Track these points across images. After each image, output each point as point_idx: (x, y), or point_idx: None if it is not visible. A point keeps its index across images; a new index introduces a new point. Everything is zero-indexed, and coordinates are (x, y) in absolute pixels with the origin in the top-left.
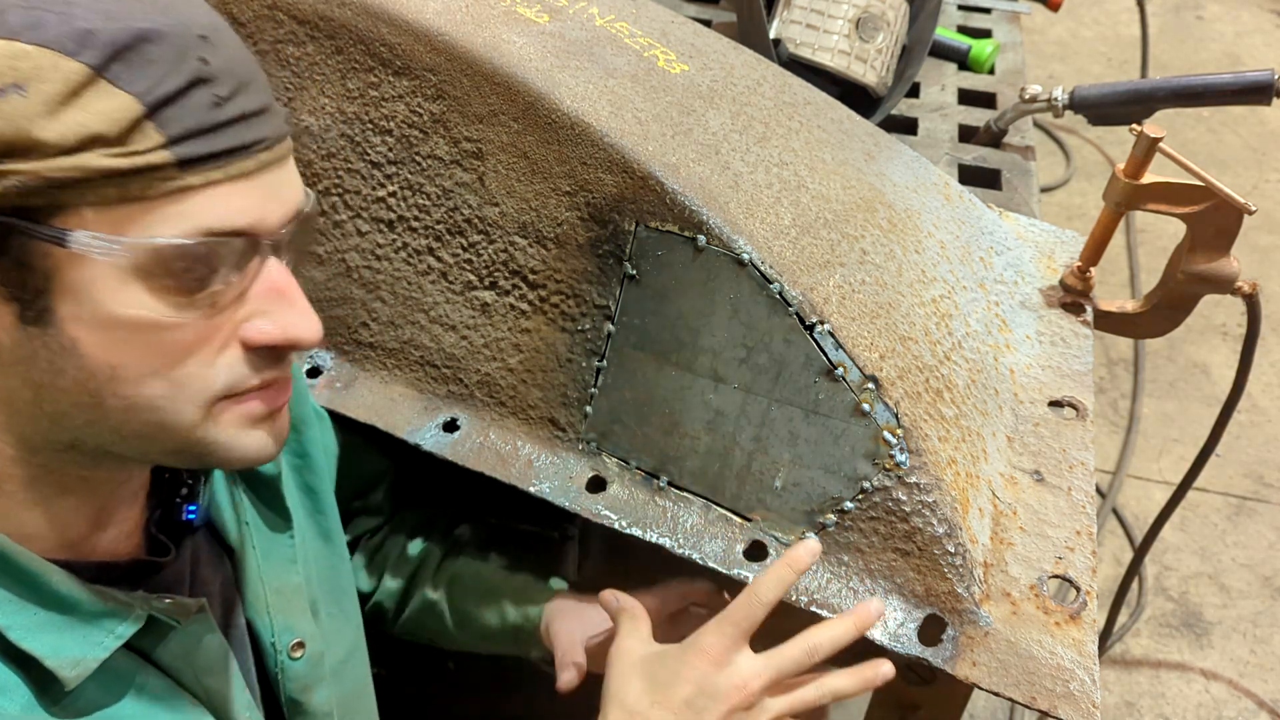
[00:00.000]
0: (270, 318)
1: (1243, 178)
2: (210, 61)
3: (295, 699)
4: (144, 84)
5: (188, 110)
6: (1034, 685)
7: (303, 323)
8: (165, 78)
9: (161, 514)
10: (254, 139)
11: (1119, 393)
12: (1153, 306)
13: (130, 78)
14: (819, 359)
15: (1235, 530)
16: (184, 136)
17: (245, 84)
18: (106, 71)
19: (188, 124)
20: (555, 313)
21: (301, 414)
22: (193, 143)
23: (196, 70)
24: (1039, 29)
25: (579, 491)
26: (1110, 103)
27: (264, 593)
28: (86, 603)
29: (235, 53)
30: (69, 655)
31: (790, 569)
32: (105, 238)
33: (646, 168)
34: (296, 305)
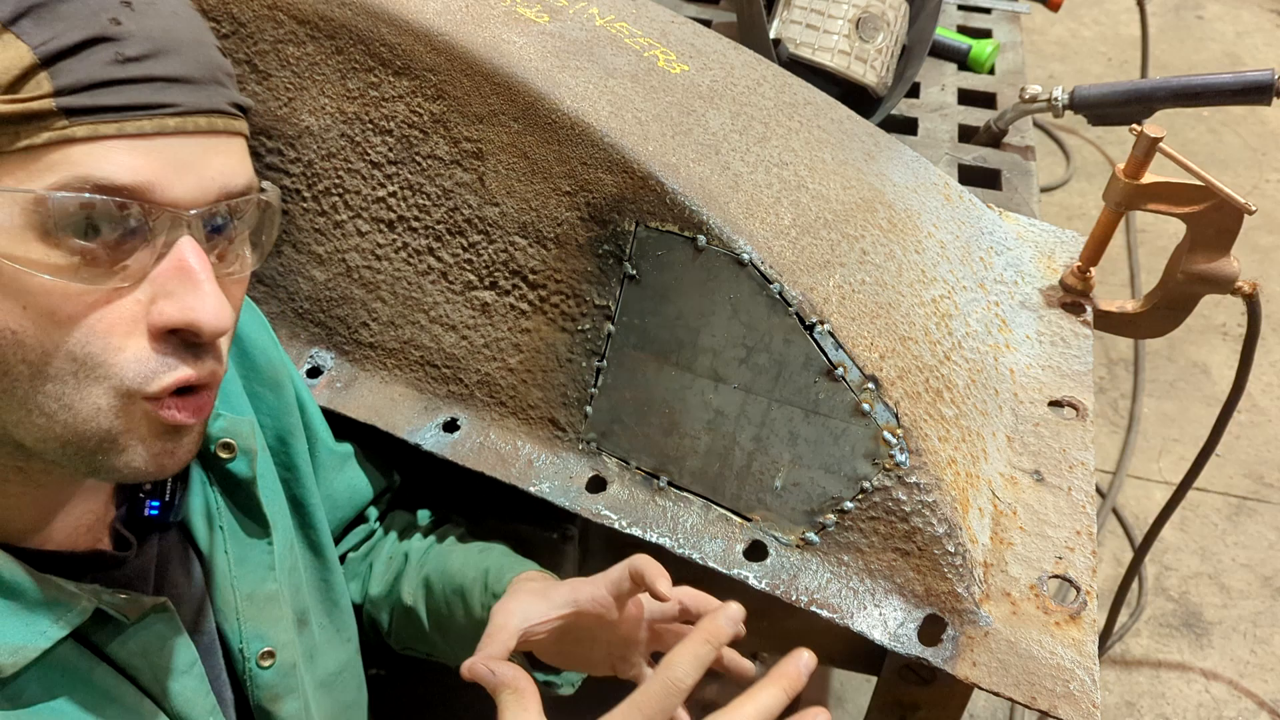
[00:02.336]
0: (172, 299)
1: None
2: (123, 23)
3: (264, 707)
4: (42, 36)
5: (83, 64)
6: (1034, 685)
7: (203, 306)
8: (66, 32)
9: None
10: (158, 101)
11: (1119, 393)
12: (1153, 306)
13: (33, 32)
14: (819, 359)
15: (1235, 530)
16: (75, 88)
17: (165, 50)
18: (13, 25)
19: (79, 76)
20: (555, 313)
21: (288, 425)
22: (83, 95)
23: (103, 28)
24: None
25: (579, 491)
26: (1110, 103)
27: (234, 599)
28: (31, 590)
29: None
30: (8, 642)
31: (709, 644)
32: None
33: (646, 168)
34: (201, 288)
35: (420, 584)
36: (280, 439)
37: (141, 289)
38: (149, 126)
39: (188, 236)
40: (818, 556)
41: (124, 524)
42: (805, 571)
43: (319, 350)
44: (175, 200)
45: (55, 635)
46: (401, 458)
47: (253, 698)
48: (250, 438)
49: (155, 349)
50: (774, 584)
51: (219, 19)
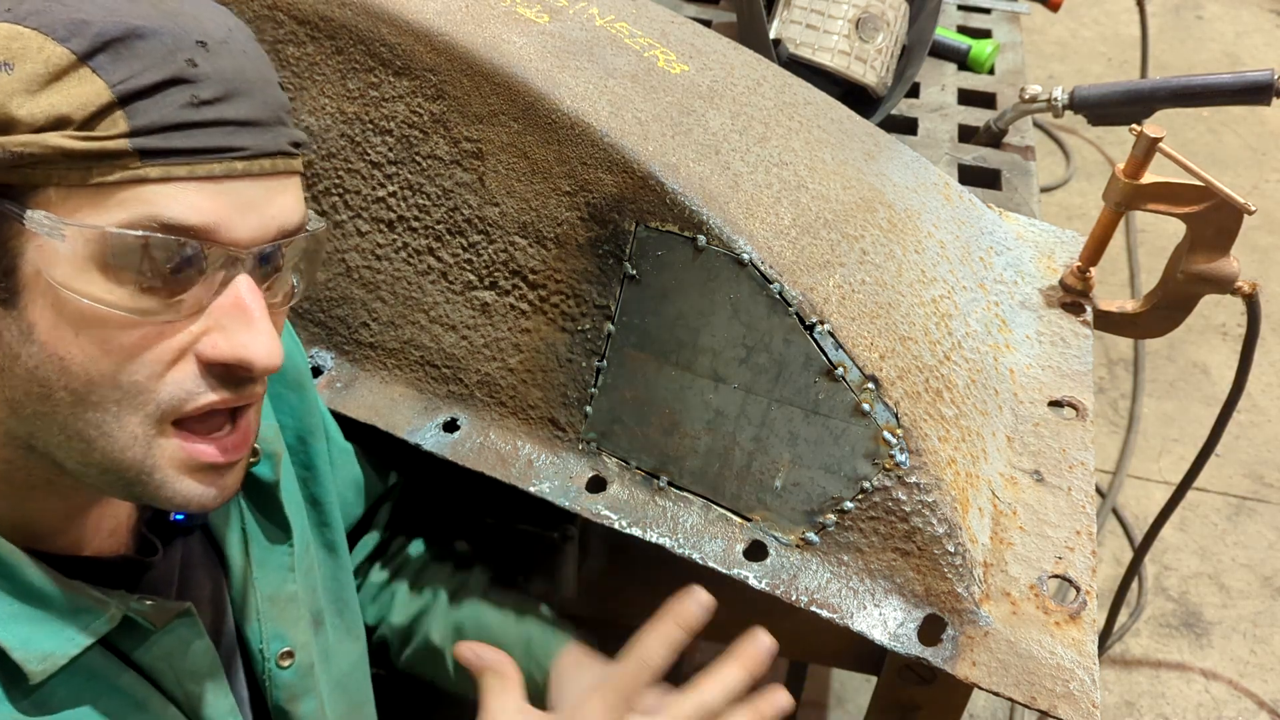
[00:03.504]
0: (225, 334)
1: (1243, 178)
2: (199, 65)
3: (282, 707)
4: (121, 75)
5: (159, 105)
6: (1034, 685)
7: (256, 344)
8: (144, 72)
9: (153, 514)
10: (228, 145)
11: (1119, 393)
12: (1153, 306)
13: (111, 68)
14: (819, 359)
15: (1235, 530)
16: (150, 129)
17: (238, 94)
18: (90, 60)
19: (154, 118)
20: (555, 313)
21: (309, 425)
22: (158, 136)
23: (180, 70)
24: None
25: (579, 491)
26: (1110, 103)
27: (255, 600)
28: (60, 597)
29: (239, 64)
30: (37, 649)
31: (678, 627)
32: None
33: (646, 168)
34: (255, 326)
35: (451, 628)
36: (300, 439)
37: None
38: (219, 170)
39: (245, 275)
40: (818, 556)
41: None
42: (805, 571)
43: (319, 350)
44: (236, 240)
45: (83, 642)
46: (402, 458)
47: (271, 698)
48: (275, 442)
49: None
50: (774, 584)
51: None
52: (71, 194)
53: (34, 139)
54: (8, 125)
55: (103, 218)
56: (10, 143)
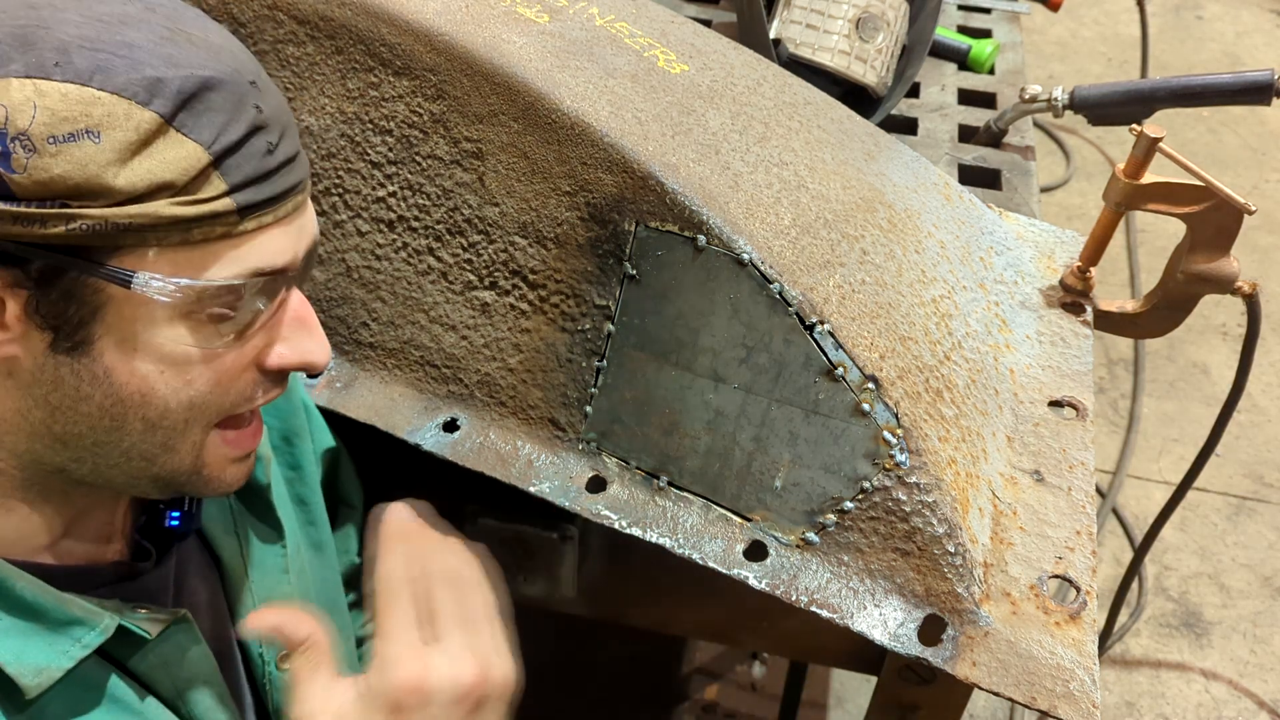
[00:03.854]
0: (289, 344)
1: (1243, 178)
2: (263, 109)
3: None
4: (209, 133)
5: (246, 158)
6: (1034, 685)
7: (318, 348)
8: (228, 127)
9: (146, 520)
10: (295, 183)
11: (1119, 393)
12: (1153, 306)
13: (197, 126)
14: (819, 359)
15: (1235, 530)
16: (243, 185)
17: (287, 129)
18: (175, 120)
19: (246, 172)
20: (555, 313)
21: (295, 425)
22: (250, 190)
23: (254, 119)
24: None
25: (579, 491)
26: (1110, 103)
27: (252, 603)
28: (53, 610)
29: (277, 97)
30: (31, 663)
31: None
32: (165, 279)
33: (646, 168)
34: (314, 332)
35: None
36: (286, 439)
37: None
38: (291, 209)
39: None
40: (818, 556)
41: (143, 534)
42: (805, 571)
43: None
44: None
45: (78, 655)
46: (401, 458)
47: (271, 701)
48: (265, 445)
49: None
50: (774, 584)
51: (219, 19)
52: (170, 252)
53: (138, 209)
54: (102, 194)
55: (209, 274)
56: (113, 214)
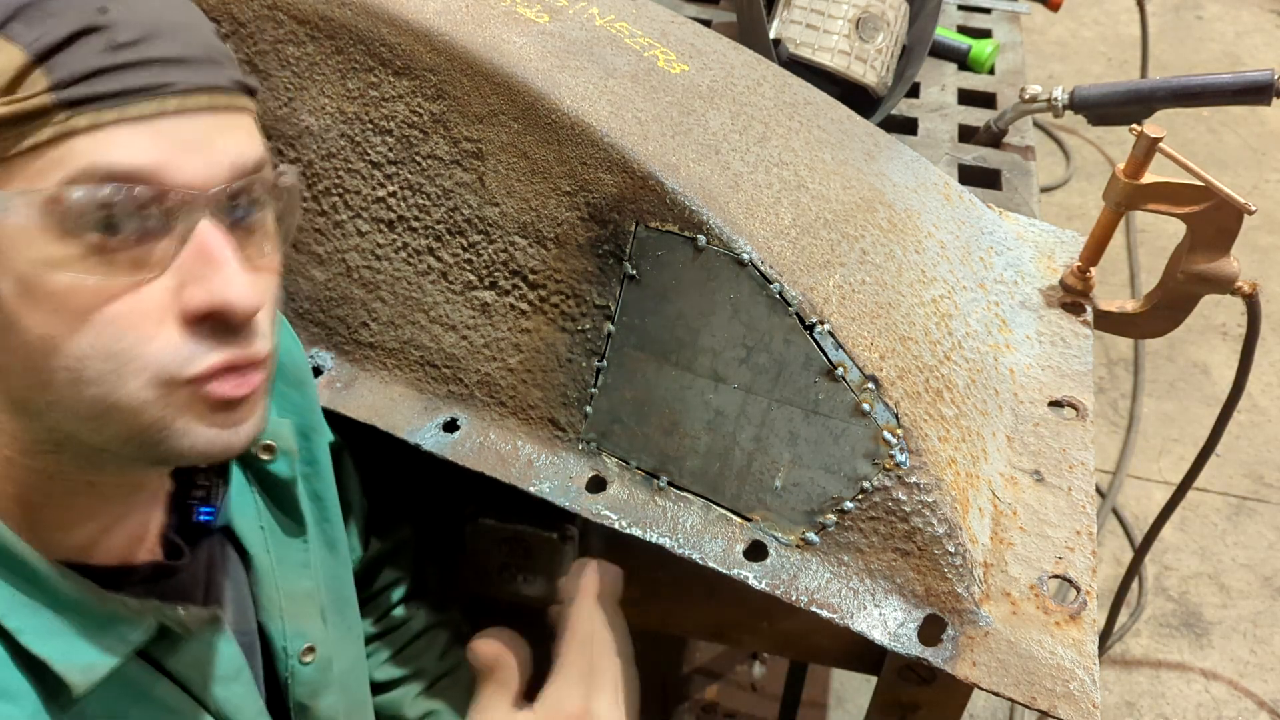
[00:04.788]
0: (199, 282)
1: (1243, 178)
2: (109, 10)
3: (303, 704)
4: (33, 35)
5: (77, 56)
6: (1034, 685)
7: (228, 286)
8: (55, 28)
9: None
10: (156, 83)
11: (1119, 393)
12: (1153, 306)
13: (23, 32)
14: (819, 359)
15: (1235, 530)
16: (71, 81)
17: (157, 34)
18: (4, 29)
19: (75, 68)
20: (555, 313)
21: (312, 422)
22: (80, 85)
23: (90, 19)
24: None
25: (579, 491)
26: (1110, 103)
27: (278, 597)
28: (99, 609)
29: (155, 7)
30: (79, 661)
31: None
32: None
33: (646, 168)
34: (225, 268)
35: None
36: (304, 435)
37: (168, 277)
38: (149, 109)
39: (206, 220)
40: (818, 556)
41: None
42: (805, 571)
43: (319, 350)
44: (188, 181)
45: (123, 653)
46: (401, 458)
47: (293, 695)
48: (290, 439)
49: (189, 334)
50: (774, 584)
51: (219, 19)
52: (8, 167)
53: None
54: None
55: (44, 180)
56: None
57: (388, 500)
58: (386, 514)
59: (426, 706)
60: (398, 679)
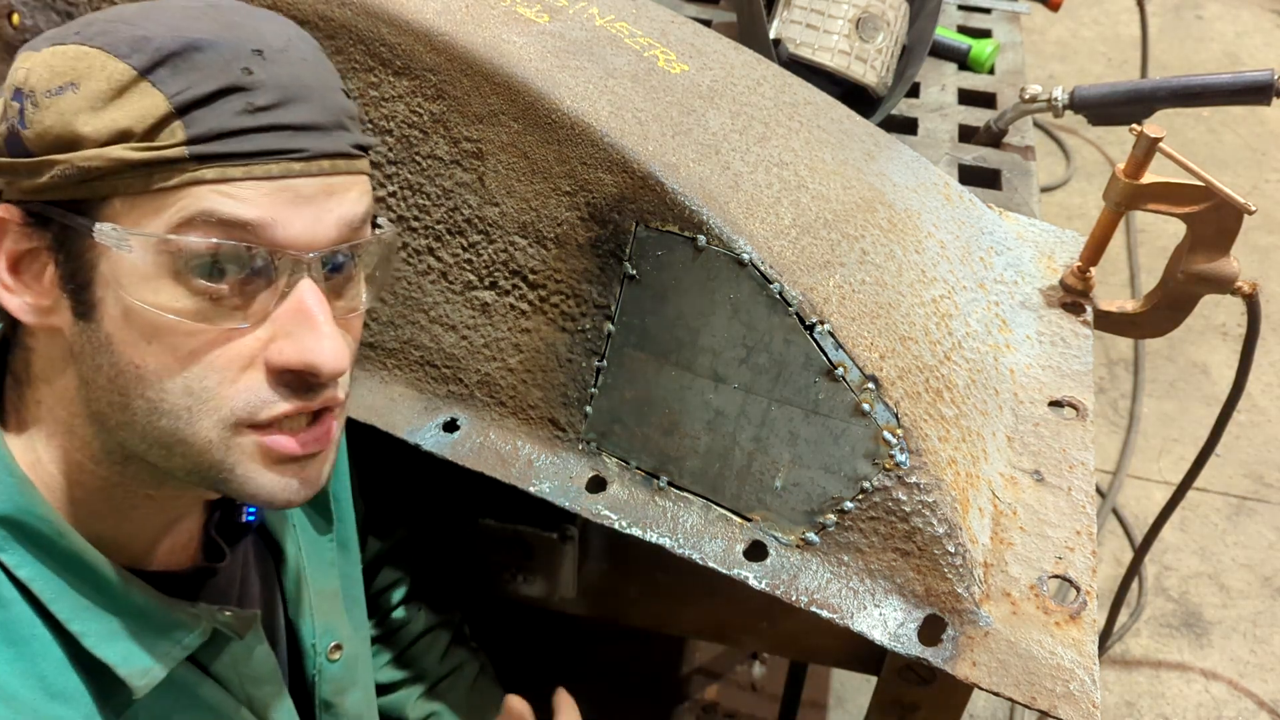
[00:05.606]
0: (291, 339)
1: (1243, 178)
2: (255, 73)
3: (329, 701)
4: (178, 87)
5: (215, 113)
6: (1034, 685)
7: (321, 349)
8: (201, 83)
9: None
10: (285, 147)
11: (1119, 393)
12: (1153, 306)
13: (170, 81)
14: (819, 359)
15: (1235, 530)
16: (206, 136)
17: (294, 98)
18: (150, 74)
19: (212, 125)
20: (555, 313)
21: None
22: (215, 143)
23: (235, 79)
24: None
25: (579, 491)
26: (1110, 103)
27: (309, 595)
28: (160, 614)
29: (297, 71)
30: (139, 665)
31: None
32: (120, 230)
33: (646, 167)
34: (320, 330)
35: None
36: None
37: (262, 328)
38: (275, 170)
39: (308, 279)
40: (818, 556)
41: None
42: (805, 571)
43: None
44: (295, 238)
45: (179, 656)
46: (401, 458)
47: (320, 692)
48: None
49: (270, 382)
50: (774, 584)
51: None
52: (135, 204)
53: (98, 153)
54: (74, 142)
55: (161, 222)
56: (77, 158)
57: (386, 501)
58: (384, 515)
59: (428, 709)
60: (399, 681)
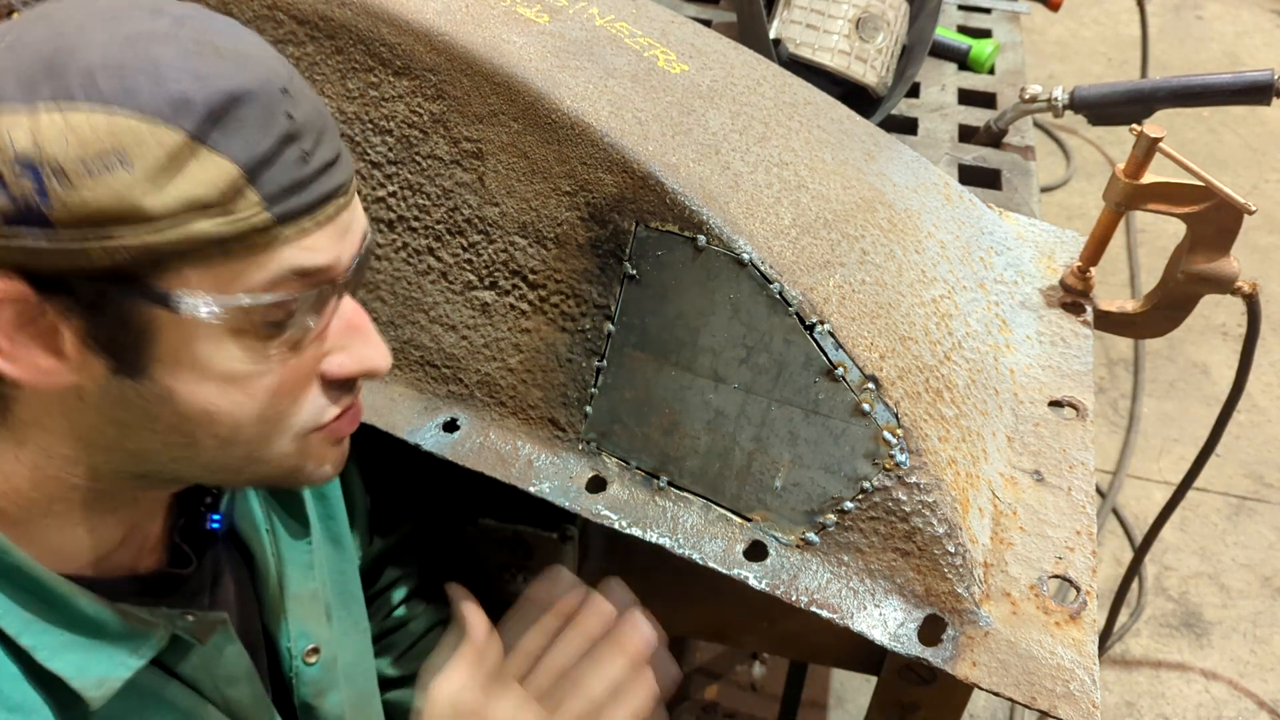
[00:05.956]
0: (348, 352)
1: (1243, 178)
2: (295, 116)
3: (308, 703)
4: (240, 147)
5: (281, 168)
6: (1034, 685)
7: (376, 354)
8: (259, 139)
9: (185, 523)
10: (335, 186)
11: (1119, 393)
12: (1153, 306)
13: (227, 142)
14: (819, 359)
15: (1235, 530)
16: (279, 195)
17: (323, 133)
18: (206, 138)
19: (281, 182)
20: (555, 313)
21: None
22: (288, 201)
23: (285, 127)
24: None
25: (579, 491)
26: (1110, 103)
27: (282, 598)
28: (112, 623)
29: (311, 102)
30: (94, 675)
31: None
32: (208, 299)
33: (646, 167)
34: (370, 338)
35: None
36: None
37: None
38: (332, 211)
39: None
40: (818, 556)
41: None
42: (805, 571)
43: None
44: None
45: (135, 665)
46: (402, 458)
47: (298, 695)
48: None
49: (325, 390)
50: (774, 584)
51: None
52: (210, 269)
53: (176, 232)
54: (138, 219)
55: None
56: (151, 239)
57: (388, 499)
58: (387, 512)
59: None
60: (405, 677)
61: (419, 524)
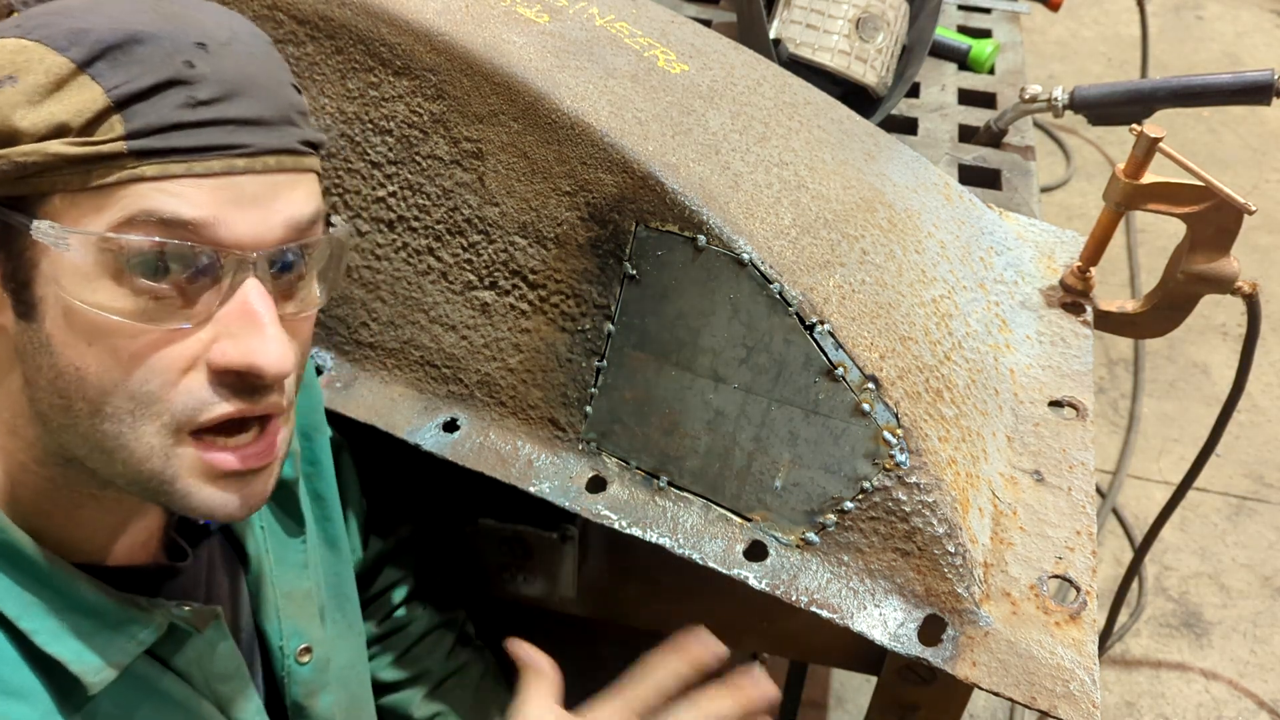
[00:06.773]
0: (234, 340)
1: (1243, 178)
2: (197, 66)
3: (300, 703)
4: (118, 79)
5: (155, 107)
6: (1034, 685)
7: (264, 350)
8: (141, 75)
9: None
10: (229, 143)
11: (1119, 393)
12: (1153, 306)
13: (108, 74)
14: (819, 359)
15: (1235, 530)
16: (146, 131)
17: (238, 93)
18: (89, 67)
19: (150, 119)
20: (555, 313)
21: (314, 421)
22: (155, 137)
23: (176, 72)
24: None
25: (579, 491)
26: (1110, 103)
27: (275, 597)
28: (112, 610)
29: (242, 65)
30: (92, 661)
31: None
32: (59, 227)
33: (646, 168)
34: (264, 331)
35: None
36: (305, 434)
37: (206, 329)
38: (218, 166)
39: (253, 279)
40: (818, 556)
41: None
42: (805, 571)
43: (318, 350)
44: (239, 237)
45: (134, 652)
46: (402, 458)
47: (289, 694)
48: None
49: (211, 383)
50: (774, 584)
51: None
52: (75, 202)
53: (35, 148)
54: (12, 137)
55: (102, 220)
56: (14, 153)
57: (388, 500)
58: (387, 513)
59: (433, 708)
60: (404, 680)
61: (418, 525)
